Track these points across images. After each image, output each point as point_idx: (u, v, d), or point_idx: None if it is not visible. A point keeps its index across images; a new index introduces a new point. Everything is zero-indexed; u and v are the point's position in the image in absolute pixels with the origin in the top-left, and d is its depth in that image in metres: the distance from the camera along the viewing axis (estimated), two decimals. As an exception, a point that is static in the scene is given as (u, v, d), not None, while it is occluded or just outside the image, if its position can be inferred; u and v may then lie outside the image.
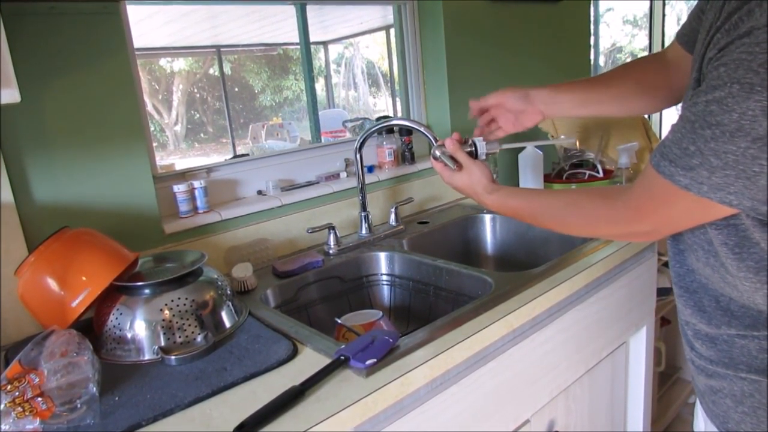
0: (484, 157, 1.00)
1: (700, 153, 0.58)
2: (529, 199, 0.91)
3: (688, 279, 0.78)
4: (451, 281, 1.22)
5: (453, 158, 0.98)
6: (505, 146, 1.08)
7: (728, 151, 0.56)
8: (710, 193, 0.59)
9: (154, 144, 1.27)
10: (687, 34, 0.86)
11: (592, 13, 2.35)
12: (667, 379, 2.09)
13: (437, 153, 1.00)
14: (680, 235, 0.78)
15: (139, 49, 1.23)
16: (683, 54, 0.88)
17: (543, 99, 1.00)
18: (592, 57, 2.38)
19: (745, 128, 0.55)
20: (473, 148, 1.00)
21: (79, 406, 0.74)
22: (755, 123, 0.54)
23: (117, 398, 0.79)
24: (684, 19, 0.88)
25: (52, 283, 0.91)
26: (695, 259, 0.75)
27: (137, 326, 0.91)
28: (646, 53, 3.98)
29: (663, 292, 1.82)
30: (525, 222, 0.94)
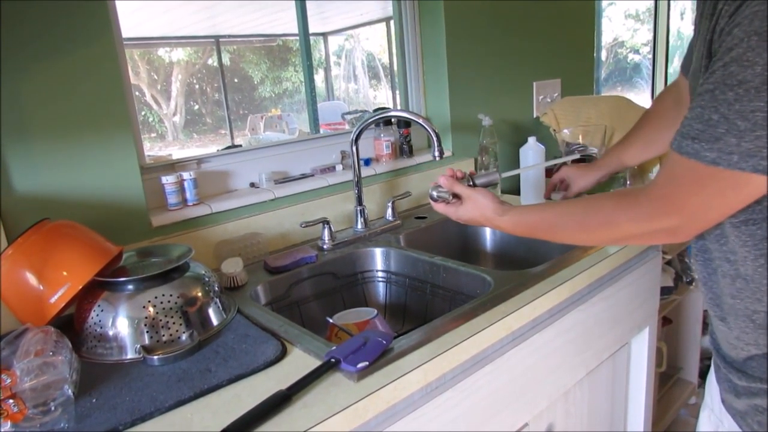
0: (496, 181, 1.03)
1: (725, 119, 0.53)
2: (545, 212, 0.86)
3: (723, 303, 0.73)
4: (448, 279, 1.18)
5: (453, 194, 0.98)
6: (505, 174, 1.11)
7: (756, 109, 0.51)
8: (741, 162, 0.54)
9: (153, 134, 1.24)
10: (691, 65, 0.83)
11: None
12: (667, 379, 2.05)
13: (435, 194, 1.00)
14: (709, 254, 0.73)
15: (136, 39, 1.19)
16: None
17: (609, 163, 1.14)
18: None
19: None
20: (470, 181, 1.00)
21: (53, 408, 0.70)
22: None
23: (94, 400, 0.75)
24: (688, 14, 0.85)
25: (31, 278, 0.87)
26: (721, 275, 0.71)
27: (119, 323, 0.87)
28: (648, 48, 3.93)
29: (666, 291, 1.79)
30: (542, 238, 0.88)
